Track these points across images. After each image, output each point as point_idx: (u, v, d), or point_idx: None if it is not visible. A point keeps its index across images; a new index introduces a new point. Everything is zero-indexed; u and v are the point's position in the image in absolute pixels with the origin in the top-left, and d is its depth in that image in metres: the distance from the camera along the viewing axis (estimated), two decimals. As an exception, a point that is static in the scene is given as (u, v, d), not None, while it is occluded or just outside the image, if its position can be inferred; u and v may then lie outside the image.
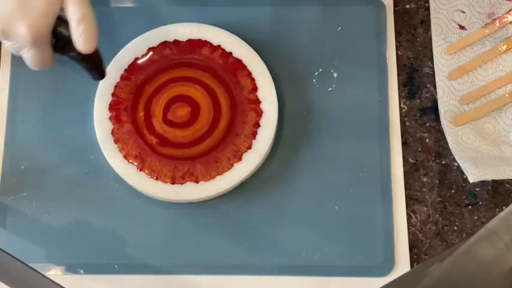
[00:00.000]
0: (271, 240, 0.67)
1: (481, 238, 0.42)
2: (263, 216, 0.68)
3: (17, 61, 0.73)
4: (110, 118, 0.69)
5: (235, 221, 0.68)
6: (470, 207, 0.69)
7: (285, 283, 0.66)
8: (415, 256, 0.68)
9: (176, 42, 0.71)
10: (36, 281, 0.50)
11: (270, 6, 0.74)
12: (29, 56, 0.57)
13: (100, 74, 0.62)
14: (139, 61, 0.71)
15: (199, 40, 0.71)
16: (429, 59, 0.73)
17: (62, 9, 0.56)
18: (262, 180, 0.69)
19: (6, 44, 0.57)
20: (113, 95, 0.69)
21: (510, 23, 0.72)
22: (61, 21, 0.57)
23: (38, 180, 0.69)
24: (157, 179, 0.67)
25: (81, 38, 0.56)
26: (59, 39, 0.57)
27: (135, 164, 0.68)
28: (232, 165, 0.67)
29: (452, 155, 0.69)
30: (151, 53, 0.71)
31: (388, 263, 0.67)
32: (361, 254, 0.67)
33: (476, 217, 0.69)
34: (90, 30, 0.57)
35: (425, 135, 0.71)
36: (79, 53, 0.58)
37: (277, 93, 0.70)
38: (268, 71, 0.70)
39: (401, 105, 0.72)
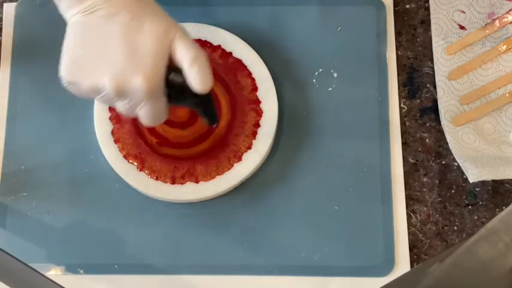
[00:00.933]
0: (271, 240, 0.67)
1: (481, 238, 0.42)
2: (263, 216, 0.68)
3: (17, 61, 0.73)
4: (110, 118, 0.69)
5: (235, 221, 0.68)
6: (470, 207, 0.69)
7: (285, 283, 0.66)
8: (415, 256, 0.68)
9: (176, 42, 0.71)
10: (36, 281, 0.50)
11: (270, 6, 0.74)
12: (145, 111, 0.54)
13: (214, 118, 0.61)
14: (139, 61, 0.71)
15: (199, 40, 0.71)
16: (429, 59, 0.73)
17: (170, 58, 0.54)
18: (262, 180, 0.69)
19: (119, 105, 0.54)
20: (113, 95, 0.69)
21: (510, 23, 0.72)
22: (170, 70, 0.54)
23: (38, 180, 0.69)
24: (157, 179, 0.67)
25: (197, 79, 0.54)
26: (172, 87, 0.55)
27: (135, 164, 0.68)
28: (232, 165, 0.67)
29: (452, 155, 0.69)
30: (151, 53, 0.71)
31: (388, 263, 0.67)
32: (361, 254, 0.67)
33: (476, 217, 0.69)
34: (205, 69, 0.54)
35: (425, 135, 0.71)
36: (194, 98, 0.56)
37: (277, 93, 0.70)
38: (268, 71, 0.70)
39: (401, 105, 0.72)
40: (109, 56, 0.52)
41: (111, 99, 0.54)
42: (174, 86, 0.55)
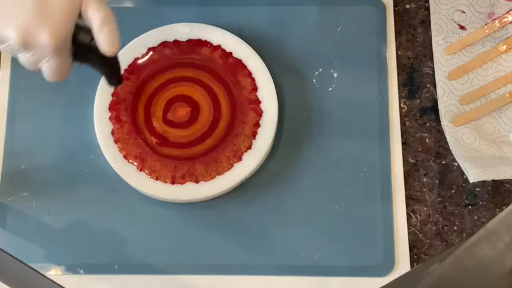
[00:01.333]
0: (271, 240, 0.67)
1: (481, 238, 0.42)
2: (263, 216, 0.68)
3: (17, 61, 0.73)
4: (110, 118, 0.69)
5: (235, 221, 0.68)
6: (470, 207, 0.69)
7: (285, 283, 0.66)
8: (415, 256, 0.68)
9: (176, 42, 0.71)
10: (36, 281, 0.50)
11: (270, 6, 0.74)
12: (49, 67, 0.54)
13: (118, 79, 0.62)
14: (139, 61, 0.71)
15: (199, 40, 0.71)
16: (429, 59, 0.73)
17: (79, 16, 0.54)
18: (262, 180, 0.69)
19: (22, 57, 0.54)
20: (113, 95, 0.69)
21: (510, 23, 0.72)
22: (78, 28, 0.54)
23: (38, 180, 0.69)
24: (157, 179, 0.67)
25: (106, 40, 0.54)
26: (78, 46, 0.55)
27: (135, 164, 0.68)
28: (232, 165, 0.67)
29: (452, 155, 0.69)
30: (151, 53, 0.71)
31: (388, 263, 0.67)
32: (361, 254, 0.67)
33: (476, 217, 0.69)
34: (114, 31, 0.54)
35: (425, 135, 0.71)
36: (100, 58, 0.56)
37: (277, 93, 0.70)
38: (268, 71, 0.70)
39: (401, 105, 0.72)
40: (18, 7, 0.52)
41: (14, 50, 0.53)
42: (81, 44, 0.55)
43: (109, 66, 0.59)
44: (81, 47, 0.55)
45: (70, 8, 0.53)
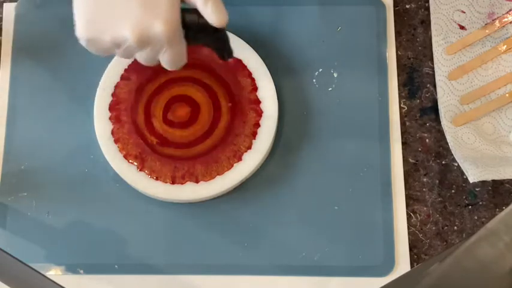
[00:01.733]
0: (271, 240, 0.67)
1: (481, 238, 0.42)
2: (263, 216, 0.68)
3: (17, 61, 0.73)
4: (110, 118, 0.69)
5: (235, 221, 0.68)
6: (470, 207, 0.69)
7: (285, 283, 0.66)
8: (415, 256, 0.68)
9: (176, 42, 0.71)
10: (36, 281, 0.50)
11: (270, 6, 0.74)
12: (168, 57, 0.55)
13: (230, 51, 0.62)
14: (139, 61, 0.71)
15: (199, 40, 0.71)
16: (429, 59, 0.73)
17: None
18: (262, 180, 0.69)
19: (141, 55, 0.54)
20: (113, 95, 0.69)
21: (510, 23, 0.72)
22: (183, 11, 0.55)
23: (38, 180, 0.69)
24: (157, 179, 0.67)
25: (214, 14, 0.55)
26: (189, 28, 0.55)
27: (135, 164, 0.68)
28: (232, 165, 0.67)
29: (452, 155, 0.69)
30: (151, 53, 0.71)
31: (388, 263, 0.67)
32: (361, 254, 0.67)
33: (476, 217, 0.69)
34: (218, 3, 0.55)
35: (425, 135, 0.71)
36: (211, 34, 0.57)
37: (277, 93, 0.70)
38: (268, 71, 0.70)
39: (401, 105, 0.72)
40: (124, 7, 0.52)
41: (132, 50, 0.54)
42: (190, 26, 0.55)
43: (220, 40, 0.60)
44: (191, 28, 0.56)
45: None
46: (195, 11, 0.56)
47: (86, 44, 0.54)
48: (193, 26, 0.56)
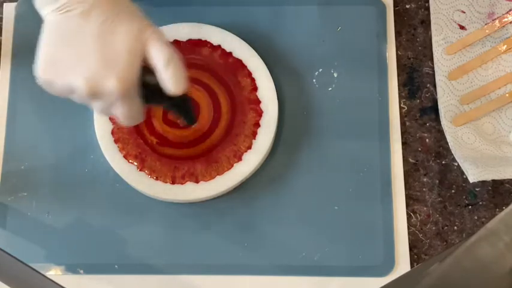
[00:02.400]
0: (271, 240, 0.67)
1: (481, 238, 0.42)
2: (263, 216, 0.68)
3: (17, 61, 0.73)
4: (110, 118, 0.69)
5: (235, 221, 0.68)
6: (470, 207, 0.69)
7: (285, 283, 0.66)
8: (415, 256, 0.68)
9: (176, 42, 0.71)
10: (36, 281, 0.50)
11: (270, 6, 0.74)
12: (120, 112, 0.54)
13: (191, 118, 0.61)
14: (139, 61, 0.71)
15: (199, 40, 0.71)
16: (429, 59, 0.73)
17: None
18: (262, 180, 0.69)
19: (93, 104, 0.54)
20: (113, 95, 0.69)
21: (510, 23, 0.72)
22: (145, 71, 0.54)
23: (38, 180, 0.69)
24: (157, 179, 0.67)
25: (172, 80, 0.53)
26: (147, 88, 0.54)
27: (135, 164, 0.68)
28: (232, 165, 0.67)
29: (452, 155, 0.69)
30: (151, 53, 0.71)
31: (388, 263, 0.67)
32: (361, 254, 0.67)
33: (476, 217, 0.69)
34: (179, 70, 0.54)
35: (425, 135, 0.71)
36: (170, 99, 0.55)
37: (277, 93, 0.70)
38: (268, 71, 0.70)
39: (401, 105, 0.72)
40: (83, 57, 0.52)
41: (84, 100, 0.53)
42: (149, 86, 0.54)
43: (181, 105, 0.58)
44: (149, 88, 0.54)
45: (134, 51, 0.52)
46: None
47: (42, 84, 0.54)
48: (151, 87, 0.54)
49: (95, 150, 0.69)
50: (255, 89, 0.70)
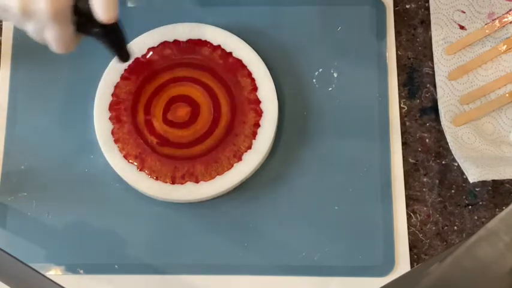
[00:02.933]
0: (271, 240, 0.67)
1: (481, 238, 0.42)
2: (263, 216, 0.68)
3: (17, 61, 0.73)
4: (110, 118, 0.69)
5: (235, 221, 0.68)
6: (470, 207, 0.69)
7: (285, 283, 0.66)
8: (415, 256, 0.68)
9: (176, 42, 0.71)
10: (36, 281, 0.50)
11: (270, 7, 0.74)
12: (52, 36, 0.54)
13: (125, 53, 0.61)
14: (139, 61, 0.71)
15: (199, 40, 0.71)
16: (429, 59, 0.73)
17: None
18: (262, 180, 0.69)
19: (28, 27, 0.55)
20: (113, 95, 0.69)
21: (510, 23, 0.72)
22: None
23: (38, 180, 0.69)
24: (157, 179, 0.67)
25: (102, 6, 0.53)
26: (80, 15, 0.54)
27: (135, 164, 0.68)
28: (232, 165, 0.67)
29: (452, 155, 0.69)
30: (151, 53, 0.71)
31: (388, 263, 0.67)
32: (361, 254, 0.67)
33: (476, 217, 0.69)
34: None
35: (425, 135, 0.71)
36: (101, 28, 0.55)
37: (277, 93, 0.70)
38: (268, 71, 0.70)
39: (401, 105, 0.72)
40: None
41: (18, 19, 0.54)
42: (82, 13, 0.54)
43: (112, 38, 0.58)
44: (82, 16, 0.55)
45: None
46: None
47: None
48: (84, 14, 0.54)
49: (95, 150, 0.69)
50: (255, 89, 0.70)
